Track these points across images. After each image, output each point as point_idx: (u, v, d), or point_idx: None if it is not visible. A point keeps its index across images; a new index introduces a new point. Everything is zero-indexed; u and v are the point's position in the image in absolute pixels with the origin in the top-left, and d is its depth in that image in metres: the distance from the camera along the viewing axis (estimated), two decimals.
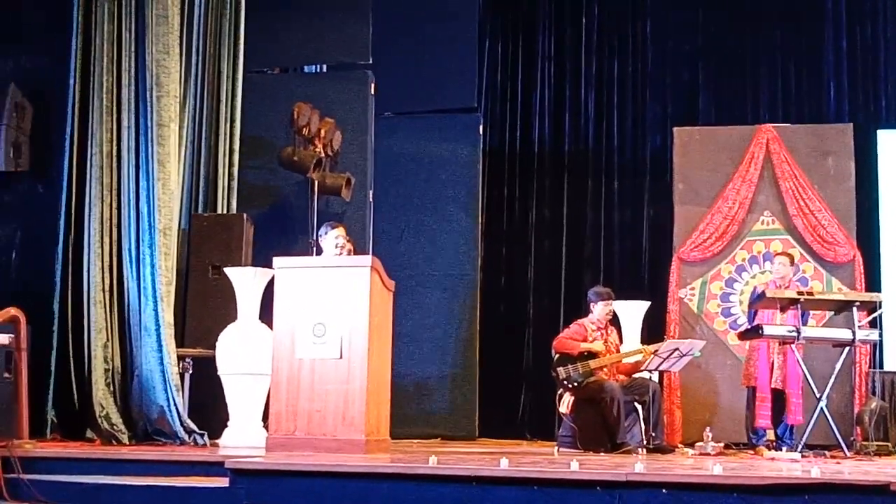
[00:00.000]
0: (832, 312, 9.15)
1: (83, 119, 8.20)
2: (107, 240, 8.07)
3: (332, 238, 7.54)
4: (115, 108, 8.17)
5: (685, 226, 10.49)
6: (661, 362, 8.41)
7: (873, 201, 10.49)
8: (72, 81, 8.20)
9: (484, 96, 11.99)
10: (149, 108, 8.02)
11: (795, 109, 11.13)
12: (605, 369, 8.48)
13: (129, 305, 7.91)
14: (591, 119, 11.94)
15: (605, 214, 11.70)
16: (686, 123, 11.00)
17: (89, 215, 8.05)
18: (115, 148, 8.14)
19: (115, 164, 8.14)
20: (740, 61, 11.53)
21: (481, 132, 11.33)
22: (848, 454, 7.80)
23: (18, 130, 8.38)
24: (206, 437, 7.65)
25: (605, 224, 11.68)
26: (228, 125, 9.40)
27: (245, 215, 8.83)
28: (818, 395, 7.95)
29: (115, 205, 8.11)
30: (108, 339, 7.93)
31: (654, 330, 9.94)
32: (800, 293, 8.30)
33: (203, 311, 8.48)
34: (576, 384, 8.34)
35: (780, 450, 8.03)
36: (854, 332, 8.05)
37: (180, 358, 8.02)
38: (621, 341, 9.22)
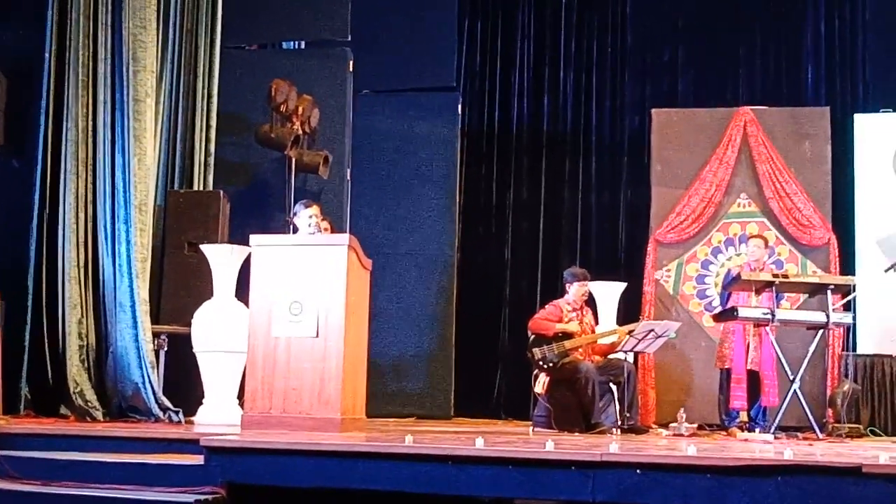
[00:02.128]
0: (806, 295, 9.21)
1: (59, 93, 8.12)
2: (82, 215, 8.01)
3: (305, 217, 7.51)
4: (90, 83, 8.09)
5: (662, 207, 10.52)
6: (637, 343, 8.44)
7: (849, 185, 10.53)
8: (47, 55, 8.11)
9: (463, 75, 11.97)
10: (125, 83, 7.96)
11: (774, 92, 11.16)
12: (580, 350, 8.50)
13: (104, 282, 7.87)
14: (569, 99, 11.94)
15: (582, 195, 11.72)
16: (664, 105, 11.02)
17: (64, 190, 7.99)
18: (90, 123, 8.08)
19: (90, 140, 8.08)
20: (720, 43, 11.56)
21: (460, 111, 11.31)
22: (820, 436, 7.86)
23: None
24: (181, 415, 7.64)
25: (583, 205, 11.70)
26: (205, 101, 9.35)
27: (221, 192, 8.79)
28: (791, 378, 8.00)
29: (90, 180, 8.06)
30: (82, 316, 7.89)
31: (629, 311, 9.97)
32: (774, 276, 8.33)
33: (179, 288, 8.45)
34: (551, 365, 8.36)
35: (753, 431, 8.09)
36: (828, 315, 8.09)
37: (155, 335, 7.99)
38: (597, 322, 9.24)
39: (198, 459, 5.69)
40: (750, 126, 10.42)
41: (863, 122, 10.62)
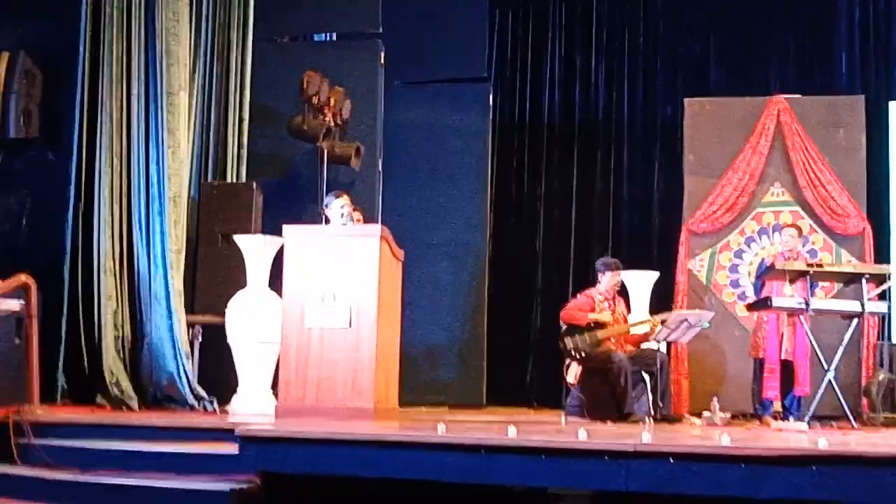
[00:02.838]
0: (841, 284, 9.14)
1: (93, 86, 8.20)
2: (116, 207, 8.09)
3: (336, 207, 7.54)
4: (124, 76, 8.16)
5: (695, 197, 10.46)
6: (670, 333, 8.42)
7: (884, 173, 10.44)
8: (81, 48, 8.19)
9: (494, 66, 11.94)
10: (159, 76, 8.03)
11: (807, 81, 11.05)
12: (612, 340, 8.48)
13: (138, 273, 7.95)
14: (601, 89, 11.89)
15: (614, 185, 11.66)
16: (697, 94, 10.94)
17: (99, 183, 8.07)
18: (124, 115, 8.15)
19: (124, 132, 8.15)
20: (752, 32, 11.45)
21: (491, 102, 11.30)
22: (855, 425, 7.80)
23: (28, 97, 8.37)
24: (215, 404, 7.70)
25: (615, 195, 11.65)
26: (238, 93, 9.40)
27: (254, 183, 8.83)
28: (826, 367, 7.94)
29: (124, 172, 8.13)
30: (118, 307, 7.97)
31: (662, 301, 9.92)
32: (809, 265, 8.28)
33: (213, 278, 8.51)
34: (583, 354, 8.35)
35: (788, 420, 8.04)
36: (863, 304, 8.02)
37: (190, 325, 8.06)
38: (629, 312, 9.22)
39: (232, 448, 5.74)
40: (783, 115, 10.33)
41: None
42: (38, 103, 8.46)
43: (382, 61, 10.23)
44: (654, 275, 9.96)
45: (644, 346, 8.66)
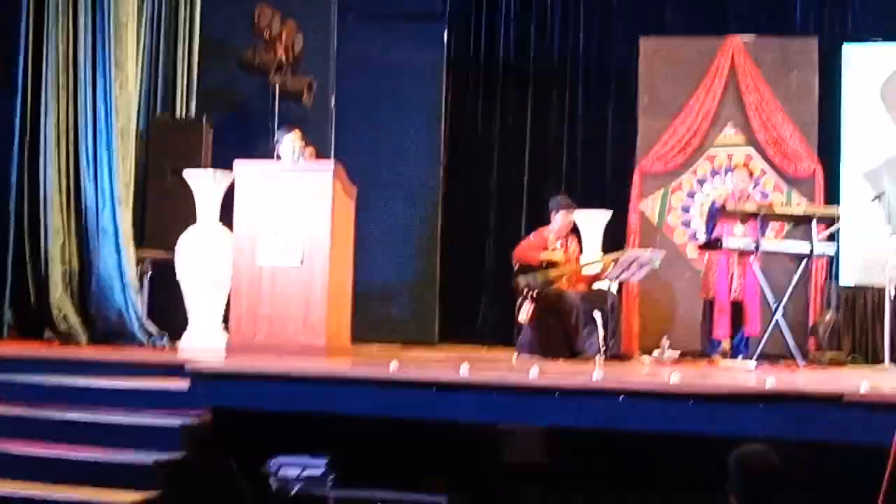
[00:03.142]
0: (791, 225, 9.22)
1: (38, 18, 8.01)
2: (63, 141, 7.96)
3: (288, 142, 7.45)
4: (71, 7, 7.98)
5: (648, 137, 10.47)
6: (621, 272, 8.46)
7: (836, 116, 10.48)
8: None
9: (449, 2, 11.79)
10: (106, 7, 7.87)
11: (763, 21, 11.01)
12: (564, 279, 8.51)
13: (86, 207, 7.84)
14: (557, 28, 11.77)
15: (568, 124, 11.60)
16: (652, 34, 10.90)
17: (45, 116, 7.93)
18: (71, 48, 7.99)
19: (71, 65, 8.00)
20: None
21: (446, 39, 11.18)
22: (802, 364, 7.92)
23: None
24: (165, 339, 7.64)
25: (569, 134, 11.59)
26: (187, 26, 9.23)
27: (204, 118, 8.71)
28: (774, 307, 8.03)
29: (71, 106, 7.99)
30: (65, 241, 7.87)
31: (614, 240, 9.95)
32: (759, 206, 8.35)
33: (162, 214, 8.42)
34: (535, 293, 8.37)
35: (736, 359, 8.15)
36: (812, 246, 8.12)
37: (139, 260, 7.97)
38: (581, 251, 9.24)
39: (183, 384, 5.72)
40: (738, 56, 10.34)
41: (851, 53, 10.54)
42: None
43: None
44: (606, 214, 9.98)
45: (596, 285, 8.70)
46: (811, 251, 8.14)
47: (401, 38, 10.88)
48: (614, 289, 8.74)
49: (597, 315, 8.42)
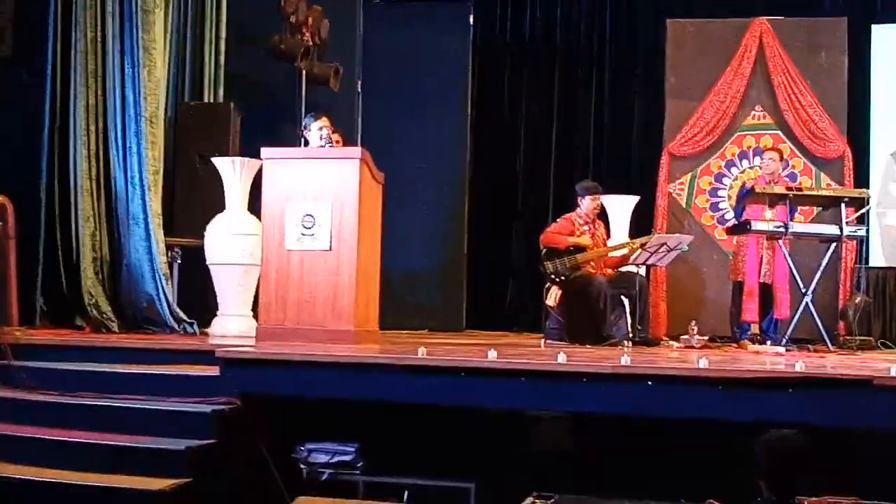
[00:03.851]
0: (820, 208, 9.17)
1: (67, 4, 8.04)
2: (92, 128, 8.00)
3: (315, 129, 7.45)
4: None
5: (676, 120, 10.44)
6: (649, 256, 8.44)
7: (865, 97, 10.41)
8: None
9: None
10: None
11: (790, 2, 10.94)
12: (592, 263, 8.51)
13: (116, 194, 7.88)
14: (583, 10, 11.73)
15: (595, 108, 11.58)
16: (680, 15, 10.84)
17: (74, 103, 7.96)
18: (99, 34, 8.01)
19: (100, 51, 8.03)
20: None
21: (472, 22, 11.15)
22: (831, 348, 7.89)
23: (0, 15, 8.20)
24: (195, 326, 7.70)
25: (595, 117, 11.57)
26: (215, 12, 9.25)
27: (232, 104, 8.73)
28: (804, 290, 7.99)
29: (100, 92, 8.02)
30: (95, 228, 7.92)
31: (642, 224, 9.94)
32: (788, 189, 8.30)
33: (191, 200, 8.46)
34: (563, 278, 8.37)
35: (765, 343, 8.12)
36: (841, 228, 8.07)
37: (169, 247, 8.01)
38: (609, 236, 9.23)
39: (213, 370, 5.76)
40: (766, 37, 10.28)
41: (880, 34, 10.47)
42: (12, 22, 8.29)
43: None
44: (633, 199, 9.96)
45: (623, 269, 8.68)
46: (840, 234, 8.10)
47: (426, 21, 10.86)
48: (642, 272, 8.71)
49: (624, 300, 8.45)
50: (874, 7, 10.83)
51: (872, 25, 10.56)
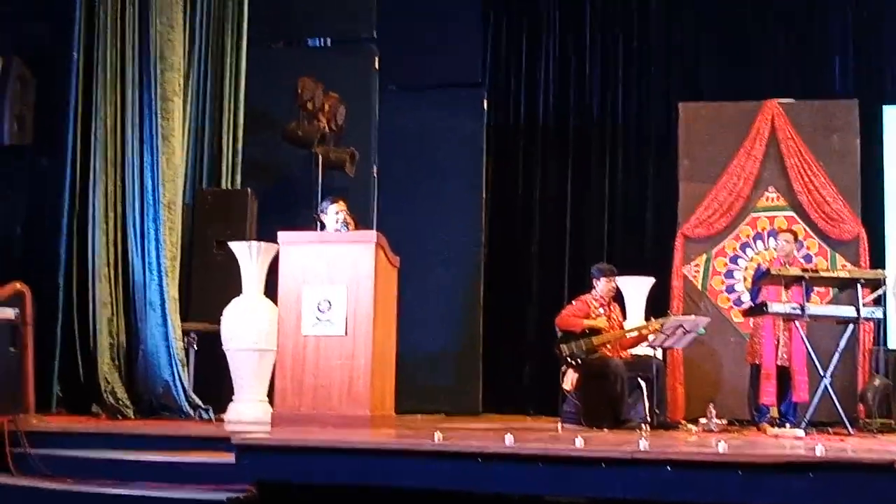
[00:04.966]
0: (836, 290, 9.14)
1: (87, 92, 8.17)
2: (111, 214, 8.07)
3: (332, 213, 7.52)
4: (119, 82, 8.14)
5: (690, 202, 10.48)
6: (666, 339, 8.41)
7: (878, 178, 10.45)
8: (75, 54, 8.15)
9: (488, 70, 11.92)
10: (153, 82, 8.01)
11: (801, 85, 11.06)
12: (608, 346, 8.48)
13: (133, 280, 7.92)
14: (595, 94, 11.87)
15: (609, 190, 11.65)
16: (691, 98, 10.95)
17: (94, 189, 8.04)
18: (119, 122, 8.13)
19: (119, 139, 8.13)
20: (746, 36, 11.45)
21: (485, 106, 11.29)
22: (851, 432, 7.80)
23: (22, 103, 8.33)
24: (211, 412, 7.68)
25: (609, 200, 11.64)
26: (232, 100, 9.38)
27: (249, 190, 8.82)
28: (822, 373, 7.94)
29: (119, 179, 8.11)
30: (113, 314, 7.94)
31: (658, 306, 9.90)
32: (804, 270, 8.28)
33: (208, 286, 8.49)
34: (579, 361, 8.35)
35: (784, 427, 8.04)
36: (858, 310, 8.04)
37: (185, 333, 8.03)
38: (625, 318, 9.21)
39: (229, 457, 5.72)
40: (778, 119, 10.36)
41: (892, 115, 10.54)
42: (33, 109, 8.43)
43: (377, 66, 10.23)
44: (649, 280, 9.95)
45: (640, 352, 8.65)
46: (858, 315, 8.06)
47: (441, 106, 10.99)
48: (659, 355, 8.67)
49: (642, 383, 8.40)
50: (885, 88, 10.93)
51: (884, 106, 10.64)
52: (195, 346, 8.24)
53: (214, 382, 8.13)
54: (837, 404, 7.97)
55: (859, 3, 11.19)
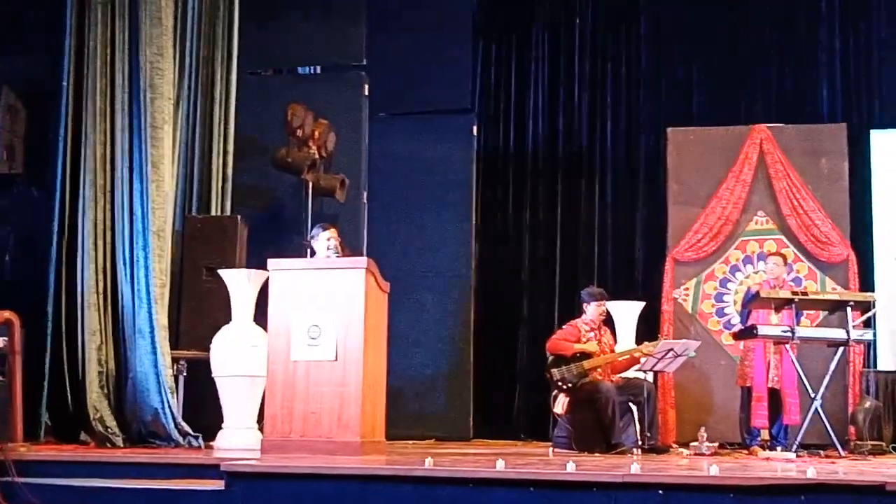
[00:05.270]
0: (826, 312, 9.16)
1: (77, 121, 8.16)
2: (100, 242, 8.04)
3: (323, 239, 7.53)
4: (108, 110, 8.13)
5: (679, 226, 10.51)
6: (656, 362, 8.42)
7: (867, 201, 10.50)
8: (65, 83, 8.15)
9: (478, 97, 11.98)
10: (142, 110, 8.00)
11: (789, 110, 11.12)
12: (599, 370, 8.48)
13: (122, 308, 7.89)
14: (584, 120, 11.93)
15: (598, 215, 11.69)
16: (680, 124, 11.00)
17: (83, 218, 8.02)
18: (108, 150, 8.11)
19: (108, 167, 8.11)
20: (734, 61, 11.53)
21: (475, 133, 11.33)
22: (843, 454, 7.81)
23: (12, 133, 8.36)
24: (200, 440, 7.63)
25: (599, 224, 11.67)
26: (222, 127, 9.38)
27: (239, 217, 8.81)
28: (813, 395, 7.95)
29: (108, 207, 8.08)
30: (102, 342, 7.90)
31: (648, 330, 9.92)
32: (794, 293, 8.31)
33: (197, 313, 8.46)
34: (570, 385, 8.34)
35: (775, 450, 8.04)
36: (848, 332, 8.06)
37: (174, 360, 8.00)
38: (615, 342, 9.21)
39: (219, 485, 5.70)
40: (766, 144, 10.41)
41: (879, 139, 10.61)
42: (22, 139, 8.43)
43: (367, 93, 10.27)
44: (639, 305, 9.97)
45: (631, 376, 8.65)
46: (847, 338, 8.08)
47: (431, 133, 11.05)
48: (650, 379, 8.68)
49: (633, 406, 8.40)
50: (873, 113, 11.00)
51: (871, 131, 10.70)
52: (185, 373, 8.20)
53: (204, 410, 8.09)
54: (828, 426, 7.97)
55: (847, 28, 11.27)
